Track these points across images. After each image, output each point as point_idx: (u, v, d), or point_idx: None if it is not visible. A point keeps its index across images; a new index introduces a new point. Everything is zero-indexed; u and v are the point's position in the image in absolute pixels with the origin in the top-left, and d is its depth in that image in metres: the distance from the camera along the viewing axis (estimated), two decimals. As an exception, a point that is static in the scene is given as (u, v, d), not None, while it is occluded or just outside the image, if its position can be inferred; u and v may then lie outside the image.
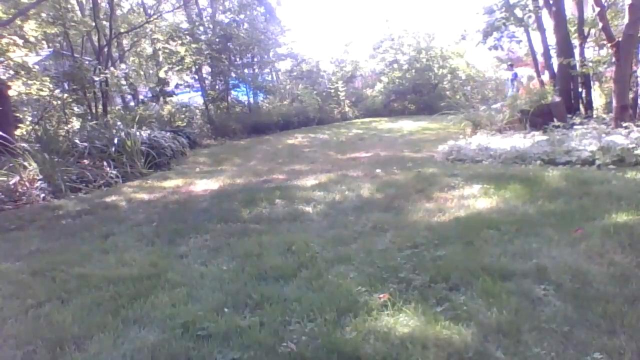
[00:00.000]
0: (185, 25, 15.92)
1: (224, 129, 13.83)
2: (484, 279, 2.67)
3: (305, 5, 43.06)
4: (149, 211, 5.28)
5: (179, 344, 2.29)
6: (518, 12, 10.67)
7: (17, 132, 9.16)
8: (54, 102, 10.92)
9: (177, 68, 14.81)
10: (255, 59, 16.85)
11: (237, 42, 14.87)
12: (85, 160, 7.84)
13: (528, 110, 8.68)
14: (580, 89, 9.64)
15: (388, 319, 2.36)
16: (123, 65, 13.32)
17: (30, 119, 11.05)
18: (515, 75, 15.17)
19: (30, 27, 10.64)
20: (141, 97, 16.42)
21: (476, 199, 4.48)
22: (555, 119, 7.77)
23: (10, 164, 6.90)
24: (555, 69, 9.79)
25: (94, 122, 9.98)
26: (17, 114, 10.09)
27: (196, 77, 15.30)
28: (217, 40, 14.41)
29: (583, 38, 9.59)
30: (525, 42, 11.76)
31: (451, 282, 2.71)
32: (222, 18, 15.95)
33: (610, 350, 1.97)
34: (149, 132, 9.44)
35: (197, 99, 16.27)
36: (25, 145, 7.58)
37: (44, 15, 10.91)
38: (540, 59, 11.37)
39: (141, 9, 16.68)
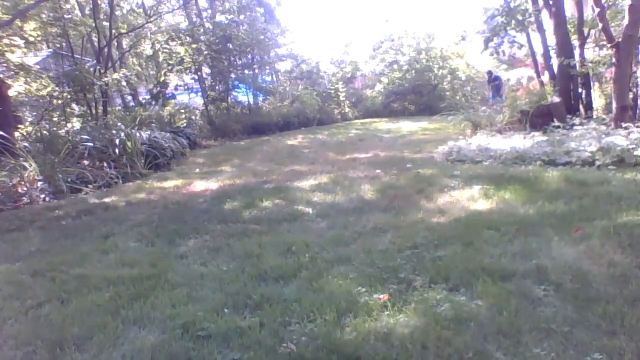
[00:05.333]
0: (184, 25, 15.93)
1: (223, 129, 13.85)
2: (484, 279, 2.67)
3: (305, 6, 43.08)
4: (149, 212, 5.28)
5: (179, 345, 2.29)
6: (518, 16, 10.66)
7: (17, 132, 9.15)
8: (55, 102, 10.90)
9: (176, 68, 14.81)
10: (255, 60, 16.85)
11: (236, 42, 14.88)
12: (85, 161, 7.84)
13: (528, 111, 8.68)
14: (580, 90, 9.63)
15: (388, 320, 2.36)
16: (125, 70, 13.30)
17: (30, 119, 11.05)
18: (497, 78, 15.89)
19: (30, 28, 10.63)
20: (141, 98, 16.43)
21: (476, 200, 4.49)
22: (555, 120, 7.78)
23: (11, 165, 6.89)
24: (555, 69, 9.79)
25: (94, 122, 9.97)
26: (17, 114, 10.08)
27: (196, 77, 15.31)
28: (216, 40, 14.42)
29: (583, 39, 9.59)
30: (525, 43, 11.77)
31: (451, 282, 2.71)
32: (221, 19, 15.96)
33: (610, 351, 1.97)
34: (149, 132, 9.44)
35: (197, 100, 16.28)
36: (26, 144, 7.58)
37: (43, 15, 10.91)
38: (540, 59, 11.37)
39: (141, 10, 16.68)
